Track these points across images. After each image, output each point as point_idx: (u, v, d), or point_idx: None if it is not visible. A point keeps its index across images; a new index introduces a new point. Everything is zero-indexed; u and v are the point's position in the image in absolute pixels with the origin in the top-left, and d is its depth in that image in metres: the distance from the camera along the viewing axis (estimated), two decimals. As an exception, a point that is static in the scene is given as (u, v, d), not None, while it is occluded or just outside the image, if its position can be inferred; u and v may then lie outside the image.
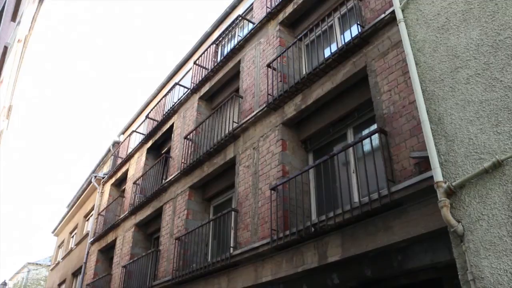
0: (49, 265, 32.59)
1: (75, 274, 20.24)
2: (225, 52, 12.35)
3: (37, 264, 42.15)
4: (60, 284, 22.78)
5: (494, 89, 4.10)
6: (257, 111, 9.02)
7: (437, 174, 4.36)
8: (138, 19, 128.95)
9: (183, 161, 11.59)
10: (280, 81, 8.72)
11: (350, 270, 6.06)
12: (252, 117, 9.10)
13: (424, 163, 5.25)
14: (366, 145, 6.60)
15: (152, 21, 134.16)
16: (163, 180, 12.74)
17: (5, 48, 9.10)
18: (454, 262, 4.15)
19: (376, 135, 6.12)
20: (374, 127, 6.68)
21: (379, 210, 5.64)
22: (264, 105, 8.77)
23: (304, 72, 8.69)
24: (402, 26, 5.51)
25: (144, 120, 16.51)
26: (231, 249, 8.33)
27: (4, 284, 33.38)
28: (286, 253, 7.05)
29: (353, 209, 5.95)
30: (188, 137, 11.66)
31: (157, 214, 12.83)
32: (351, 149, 6.75)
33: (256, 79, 9.78)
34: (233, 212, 8.81)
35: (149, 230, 13.85)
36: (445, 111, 4.53)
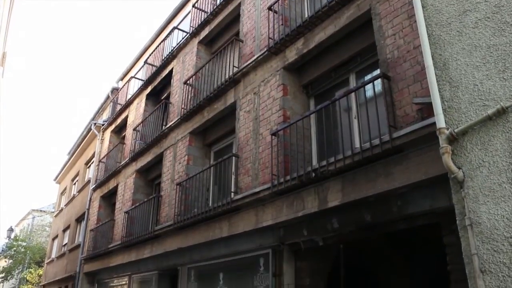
0: (53, 212, 33.18)
1: (79, 220, 20.66)
2: (225, -6, 11.96)
3: (41, 211, 42.83)
4: (64, 230, 23.32)
5: (503, 33, 3.98)
6: (257, 55, 8.86)
7: (440, 120, 4.32)
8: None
9: (183, 106, 11.52)
10: (282, 24, 8.49)
11: (350, 215, 6.16)
12: (252, 61, 8.94)
13: (427, 109, 5.20)
14: (369, 91, 6.52)
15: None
16: (163, 126, 12.73)
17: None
18: (452, 208, 4.19)
19: (379, 80, 6.03)
20: (377, 72, 6.57)
21: (380, 155, 5.65)
22: (265, 49, 8.60)
23: (306, 15, 8.44)
24: (409, -34, 5.29)
25: (142, 66, 16.28)
26: (232, 194, 8.43)
27: (11, 230, 34.12)
28: (286, 198, 7.13)
29: (354, 155, 5.97)
30: (188, 82, 11.53)
31: (158, 160, 12.91)
32: (353, 94, 6.66)
33: (256, 22, 9.53)
34: (233, 158, 8.85)
35: (150, 176, 14.00)
36: (450, 56, 4.43)
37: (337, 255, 6.95)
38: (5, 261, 37.42)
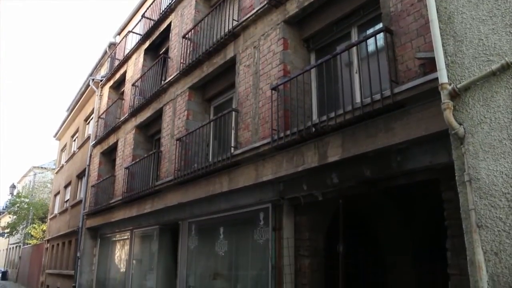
0: (53, 169, 33.42)
1: (80, 176, 20.83)
2: None
3: (42, 167, 43.15)
4: (66, 186, 23.55)
5: (512, -16, 3.85)
6: (257, 8, 8.64)
7: (442, 75, 4.24)
8: None
9: (182, 61, 11.37)
10: (282, -24, 8.24)
11: (350, 170, 6.19)
12: (252, 14, 8.74)
13: (429, 64, 5.12)
14: (371, 45, 6.41)
15: None
16: (162, 81, 12.61)
17: None
18: (452, 164, 4.19)
19: (381, 34, 5.90)
20: (379, 26, 6.42)
21: (380, 111, 5.62)
22: (265, 2, 8.38)
23: (307, -34, 8.18)
24: None
25: (140, 20, 15.92)
26: (232, 149, 8.45)
27: (13, 186, 34.54)
28: (286, 152, 7.15)
29: (355, 110, 5.94)
30: (187, 36, 11.32)
31: (157, 116, 12.87)
32: (354, 48, 6.55)
33: (256, -27, 9.25)
34: (233, 112, 8.81)
35: (150, 131, 14.00)
36: (456, 9, 4.30)
37: (337, 210, 7.03)
38: (9, 217, 38.10)
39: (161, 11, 13.83)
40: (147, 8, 15.28)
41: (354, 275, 7.81)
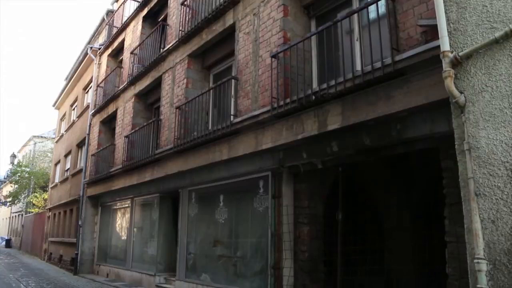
0: (53, 138, 33.38)
1: (80, 145, 20.82)
2: None
3: (41, 137, 43.04)
4: (66, 155, 23.55)
5: None
6: (257, -26, 8.46)
7: (444, 43, 4.17)
8: None
9: (181, 28, 11.21)
10: None
11: (349, 138, 6.19)
12: (252, -19, 8.56)
13: (431, 32, 5.05)
14: (372, 12, 6.29)
15: None
16: (161, 49, 12.47)
17: None
18: (452, 133, 4.17)
19: (383, 1, 5.80)
20: (381, -8, 6.30)
21: (381, 79, 5.58)
22: (265, -32, 8.20)
23: None
24: None
25: (138, -14, 15.62)
26: (232, 117, 8.43)
27: (14, 156, 34.55)
28: (286, 121, 7.14)
29: (355, 78, 5.89)
30: (185, 3, 11.12)
31: (157, 84, 12.79)
32: (355, 15, 6.44)
33: None
34: (233, 80, 8.75)
35: (149, 100, 13.93)
36: (460, -26, 4.21)
37: (336, 178, 7.07)
38: (11, 186, 38.31)
39: (159, -23, 13.55)
40: (145, -26, 14.95)
41: (353, 241, 7.92)
